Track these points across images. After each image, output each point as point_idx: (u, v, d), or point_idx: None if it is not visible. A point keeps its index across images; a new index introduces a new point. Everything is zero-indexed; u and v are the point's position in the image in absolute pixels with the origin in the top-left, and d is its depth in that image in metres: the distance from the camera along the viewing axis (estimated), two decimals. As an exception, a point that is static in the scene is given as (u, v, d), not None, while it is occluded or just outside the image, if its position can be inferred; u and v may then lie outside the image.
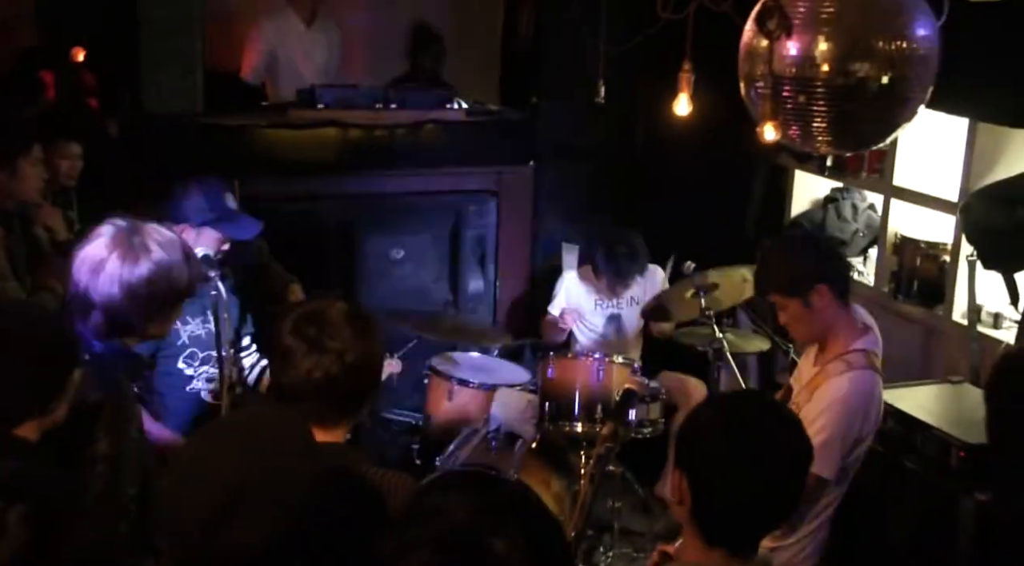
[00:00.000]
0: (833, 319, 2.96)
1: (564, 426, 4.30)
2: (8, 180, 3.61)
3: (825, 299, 2.92)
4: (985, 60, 3.61)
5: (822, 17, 2.09)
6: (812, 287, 2.90)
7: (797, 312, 2.96)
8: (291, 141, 5.04)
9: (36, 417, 2.10)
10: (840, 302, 2.97)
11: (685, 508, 1.92)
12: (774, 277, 3.02)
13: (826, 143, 2.20)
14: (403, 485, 2.11)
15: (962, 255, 4.18)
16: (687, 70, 2.80)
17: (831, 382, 2.91)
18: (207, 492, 1.59)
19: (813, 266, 2.97)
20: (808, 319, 2.96)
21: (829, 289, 2.92)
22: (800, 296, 2.93)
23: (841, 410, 2.86)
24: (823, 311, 2.94)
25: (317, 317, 2.12)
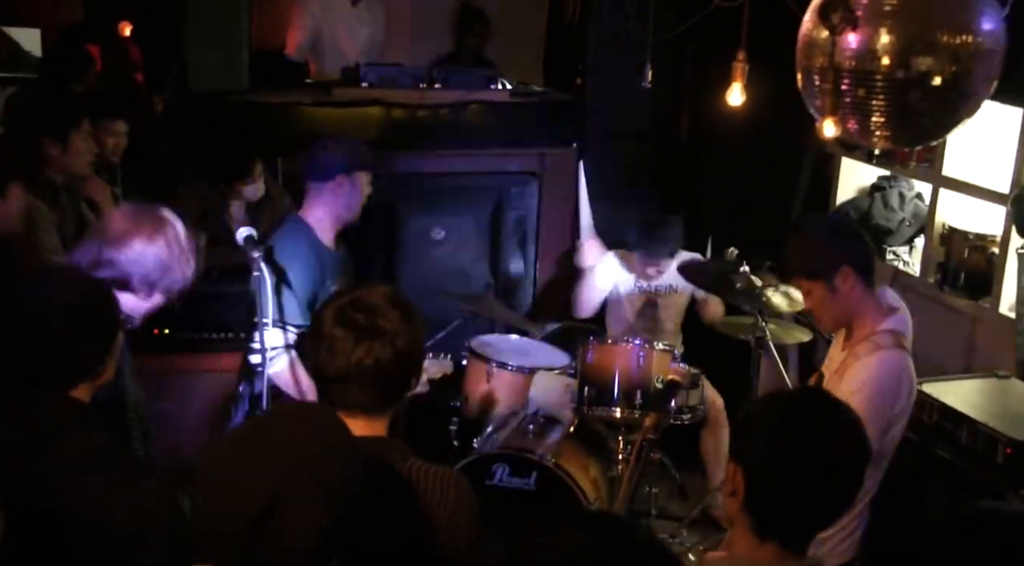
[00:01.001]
0: (858, 302, 2.93)
1: (602, 411, 4.29)
2: (61, 154, 3.66)
3: (849, 282, 2.89)
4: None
5: (885, 10, 2.05)
6: (836, 270, 2.88)
7: (822, 296, 2.93)
8: (334, 119, 5.03)
9: (89, 379, 2.15)
10: (865, 285, 2.94)
11: (738, 500, 1.92)
12: (798, 261, 3.00)
13: (884, 138, 2.16)
14: (445, 479, 2.10)
15: (1012, 247, 4.12)
16: (742, 60, 2.76)
17: (860, 363, 2.89)
18: (248, 497, 1.58)
19: (836, 249, 2.94)
20: (833, 303, 2.93)
21: (854, 272, 2.89)
22: (824, 279, 2.90)
23: (872, 391, 2.84)
24: (848, 295, 2.91)
25: (363, 304, 2.10)
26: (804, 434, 1.87)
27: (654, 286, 5.09)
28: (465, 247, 5.42)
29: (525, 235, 5.52)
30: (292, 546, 1.59)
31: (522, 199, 5.49)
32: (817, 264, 2.91)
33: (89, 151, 3.80)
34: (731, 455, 1.96)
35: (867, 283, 2.92)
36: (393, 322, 2.08)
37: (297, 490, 1.59)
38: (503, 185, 5.45)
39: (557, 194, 5.57)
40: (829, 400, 1.99)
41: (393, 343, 2.07)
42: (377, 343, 2.06)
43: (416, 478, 2.07)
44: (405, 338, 2.09)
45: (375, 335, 2.06)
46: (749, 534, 1.93)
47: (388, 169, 5.22)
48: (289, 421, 1.75)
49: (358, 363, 2.06)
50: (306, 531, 1.60)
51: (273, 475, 1.60)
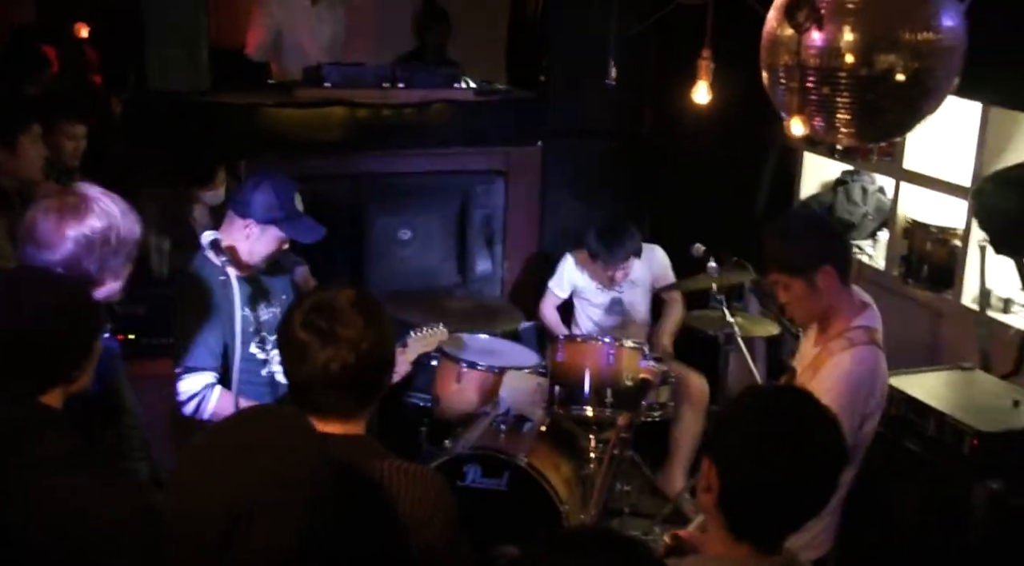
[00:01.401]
0: (835, 299, 2.95)
1: (574, 410, 4.30)
2: (9, 158, 3.58)
3: (830, 280, 2.91)
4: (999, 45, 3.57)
5: (848, 7, 2.06)
6: (819, 267, 2.89)
7: (801, 292, 2.94)
8: (297, 120, 5.01)
9: (62, 385, 2.11)
10: (842, 283, 2.96)
11: (712, 496, 1.91)
12: (780, 256, 2.98)
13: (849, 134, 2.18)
14: (423, 478, 2.09)
15: (973, 240, 4.16)
16: (706, 58, 2.76)
17: (834, 359, 2.90)
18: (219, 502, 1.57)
19: (820, 246, 2.95)
20: (811, 299, 2.94)
21: (835, 270, 2.91)
22: (804, 276, 2.91)
23: (847, 387, 2.85)
24: (826, 292, 2.92)
25: (327, 308, 2.08)
26: (779, 433, 1.86)
27: (619, 287, 5.09)
28: (432, 246, 5.41)
29: (492, 234, 5.52)
30: (264, 550, 1.58)
31: (488, 197, 5.49)
32: (800, 260, 2.92)
33: (40, 156, 3.71)
34: (706, 451, 1.96)
35: (844, 281, 2.94)
36: (356, 327, 2.06)
37: (268, 494, 1.58)
38: (469, 184, 5.45)
39: (523, 192, 5.58)
40: (807, 400, 1.99)
41: (357, 348, 2.05)
42: (343, 348, 2.05)
43: (393, 476, 2.05)
44: (369, 342, 2.07)
45: (339, 340, 2.05)
46: (723, 532, 1.93)
47: (352, 169, 5.21)
48: (258, 425, 1.73)
49: (324, 368, 2.05)
50: (279, 535, 1.59)
51: (243, 480, 1.58)
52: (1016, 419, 3.33)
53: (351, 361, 2.05)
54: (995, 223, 3.93)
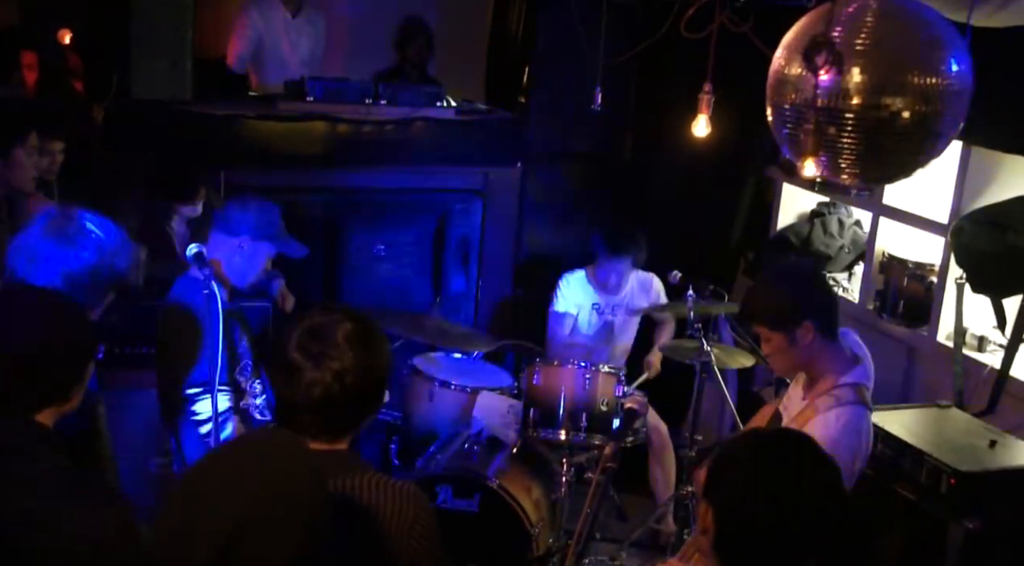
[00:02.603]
0: (817, 353, 2.92)
1: (548, 433, 4.28)
2: (2, 168, 3.55)
3: (810, 336, 2.87)
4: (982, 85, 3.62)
5: (857, 49, 2.07)
6: (798, 323, 2.87)
7: (781, 346, 2.92)
8: (278, 133, 4.96)
9: (57, 404, 2.10)
10: (826, 337, 2.92)
11: (708, 539, 1.90)
12: (760, 310, 2.97)
13: (853, 175, 2.18)
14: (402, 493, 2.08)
15: (950, 277, 4.21)
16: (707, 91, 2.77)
17: (820, 418, 2.86)
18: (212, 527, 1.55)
19: (800, 301, 2.91)
20: (790, 353, 2.92)
21: (815, 326, 2.88)
22: (784, 331, 2.89)
23: (831, 450, 2.81)
24: (807, 347, 2.89)
25: (322, 333, 2.08)
26: (778, 479, 1.85)
27: (612, 306, 5.08)
28: (407, 264, 5.38)
29: (468, 253, 5.50)
30: None
31: (465, 217, 5.47)
32: (779, 315, 2.90)
33: (33, 166, 3.69)
34: (704, 494, 1.94)
35: (828, 336, 2.91)
36: (346, 360, 2.05)
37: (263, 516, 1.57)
38: (446, 202, 5.43)
39: (500, 213, 5.56)
40: (806, 445, 1.98)
41: (342, 380, 2.04)
42: (328, 376, 2.04)
43: (373, 491, 2.04)
44: (355, 376, 2.06)
45: (326, 369, 2.04)
46: None
47: (331, 184, 5.18)
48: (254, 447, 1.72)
49: (307, 391, 2.04)
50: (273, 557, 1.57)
51: (239, 501, 1.57)
52: (993, 459, 3.35)
53: (335, 391, 2.05)
54: (973, 262, 3.98)
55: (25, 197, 3.76)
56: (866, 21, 2.10)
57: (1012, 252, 3.81)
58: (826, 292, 3.05)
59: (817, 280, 3.14)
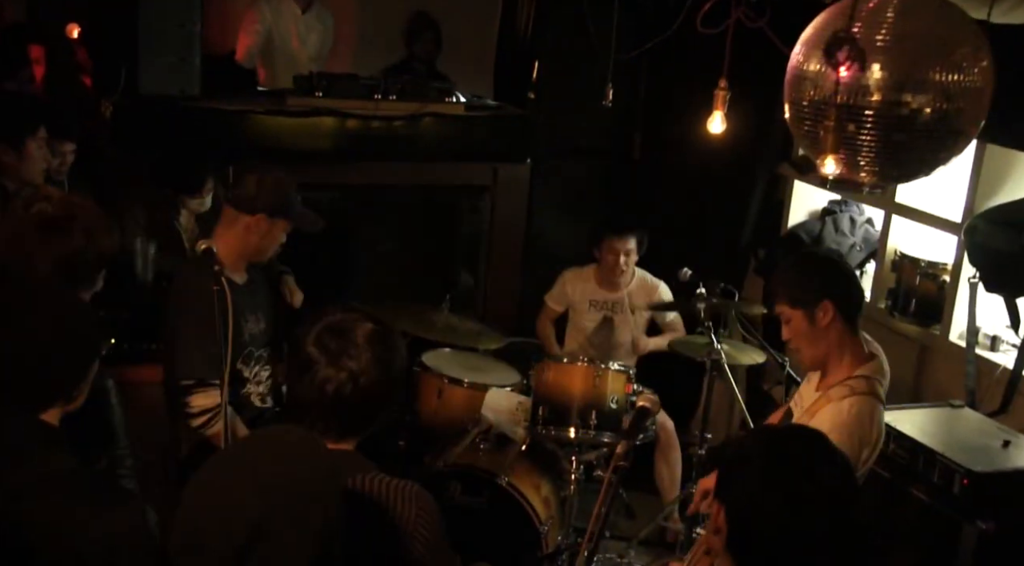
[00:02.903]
0: (837, 341, 2.91)
1: (557, 431, 4.26)
2: (16, 161, 3.56)
3: (829, 317, 2.87)
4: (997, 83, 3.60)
5: (878, 45, 2.04)
6: (818, 302, 2.87)
7: (801, 327, 2.91)
8: (287, 129, 4.96)
9: (62, 403, 2.09)
10: (846, 325, 2.91)
11: (721, 539, 1.89)
12: (783, 287, 2.98)
13: (872, 173, 2.16)
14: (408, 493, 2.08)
15: (963, 276, 4.18)
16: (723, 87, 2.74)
17: (832, 407, 2.86)
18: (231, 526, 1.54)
19: (822, 281, 2.93)
20: (812, 336, 2.91)
21: (835, 307, 2.87)
22: (804, 308, 2.89)
23: (841, 437, 2.80)
24: (827, 330, 2.88)
25: (342, 332, 2.08)
26: (791, 481, 1.83)
27: (611, 303, 5.05)
28: (416, 260, 5.37)
29: (477, 249, 5.49)
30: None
31: (474, 213, 5.46)
32: (800, 292, 2.91)
33: (44, 158, 3.70)
34: (715, 493, 1.93)
35: (848, 323, 2.90)
36: (362, 361, 2.05)
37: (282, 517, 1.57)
38: (455, 199, 5.42)
39: (509, 209, 5.55)
40: (818, 441, 1.96)
41: (356, 380, 2.04)
42: (343, 375, 2.04)
43: (379, 491, 2.04)
44: (369, 378, 2.05)
45: (342, 367, 2.04)
46: None
47: (340, 180, 5.16)
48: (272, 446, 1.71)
49: (321, 388, 2.04)
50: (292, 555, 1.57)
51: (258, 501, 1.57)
52: (1006, 459, 3.33)
53: (347, 391, 2.04)
54: (987, 261, 3.95)
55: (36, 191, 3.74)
56: (887, 17, 2.07)
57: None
58: (849, 277, 3.04)
59: (842, 265, 3.15)
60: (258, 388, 3.39)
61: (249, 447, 1.76)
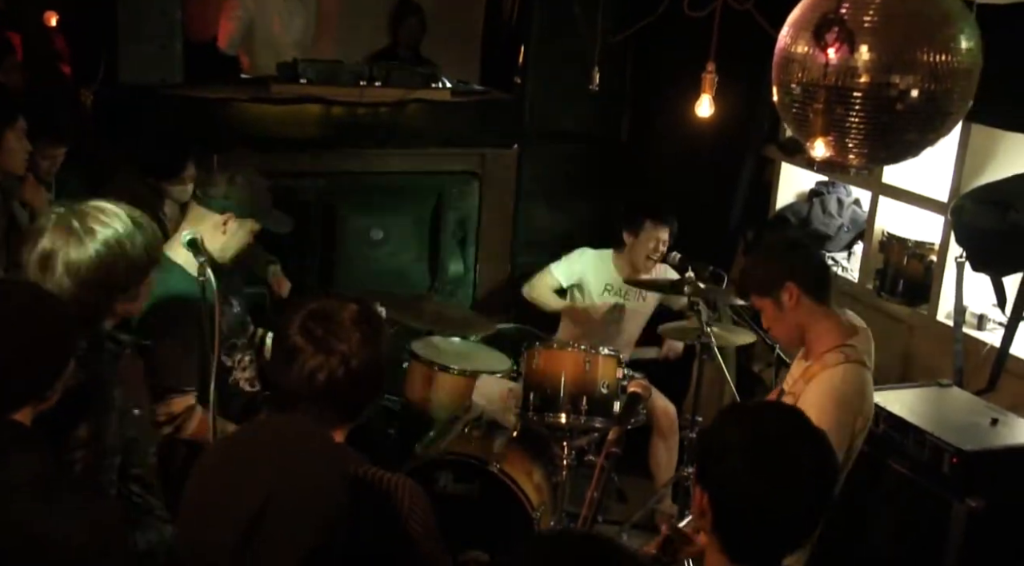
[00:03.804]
0: (808, 318, 2.95)
1: (548, 417, 4.26)
2: None
3: (795, 298, 2.92)
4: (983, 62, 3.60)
5: (865, 26, 2.04)
6: (781, 286, 2.92)
7: (772, 312, 2.98)
8: (272, 116, 4.93)
9: (35, 403, 2.05)
10: (814, 300, 2.95)
11: (707, 521, 1.89)
12: (749, 279, 3.07)
13: (860, 155, 2.15)
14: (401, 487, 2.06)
15: (950, 256, 4.19)
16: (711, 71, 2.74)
17: (822, 376, 2.89)
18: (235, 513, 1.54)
19: (781, 265, 2.99)
20: (782, 319, 2.97)
21: (798, 287, 2.91)
22: (770, 296, 2.95)
23: (834, 404, 2.84)
24: (794, 310, 2.94)
25: (326, 317, 2.05)
26: (772, 461, 1.83)
27: (626, 289, 5.03)
28: (405, 247, 5.35)
29: (466, 235, 5.47)
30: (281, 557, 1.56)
31: (462, 199, 5.44)
32: (763, 280, 2.98)
33: (24, 149, 3.65)
34: (696, 479, 1.93)
35: (817, 298, 2.93)
36: (351, 343, 2.03)
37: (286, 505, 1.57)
38: (443, 185, 5.40)
39: (497, 194, 5.53)
40: (794, 417, 1.96)
41: (347, 363, 2.02)
42: (332, 360, 2.01)
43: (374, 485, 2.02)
44: (360, 361, 2.03)
45: (331, 352, 2.02)
46: (721, 555, 1.91)
47: (326, 168, 5.14)
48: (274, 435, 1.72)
49: (311, 377, 2.01)
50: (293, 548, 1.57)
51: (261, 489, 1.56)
52: (995, 437, 3.35)
53: (339, 375, 2.02)
54: (974, 240, 3.96)
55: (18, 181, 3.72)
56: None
57: (1013, 230, 3.78)
58: (807, 256, 3.09)
59: (800, 246, 3.19)
60: (244, 373, 3.35)
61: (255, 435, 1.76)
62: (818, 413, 2.78)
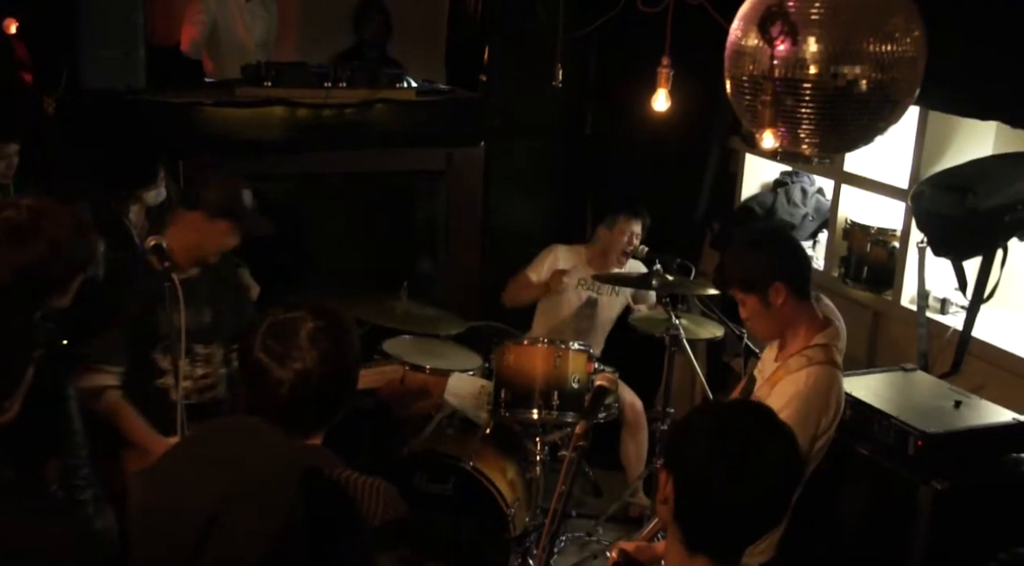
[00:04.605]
0: (792, 315, 2.96)
1: (520, 413, 4.28)
2: None
3: (783, 296, 2.91)
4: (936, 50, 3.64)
5: (812, 18, 2.07)
6: (770, 284, 2.91)
7: (756, 309, 2.97)
8: (237, 120, 4.91)
9: None
10: (798, 298, 2.96)
11: (669, 509, 1.91)
12: (734, 273, 3.02)
13: (813, 145, 2.19)
14: (375, 489, 2.07)
15: (912, 241, 4.24)
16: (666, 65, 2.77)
17: (791, 377, 2.92)
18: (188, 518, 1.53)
19: (771, 263, 2.96)
20: (767, 316, 2.96)
21: (787, 286, 2.91)
22: (757, 293, 2.94)
23: (799, 406, 2.87)
24: (781, 308, 2.93)
25: (285, 334, 2.06)
26: (736, 450, 1.86)
27: (598, 284, 5.06)
28: (374, 247, 5.35)
29: (435, 234, 5.48)
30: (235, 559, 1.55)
31: (430, 198, 5.46)
32: (751, 277, 2.94)
33: None
34: (663, 464, 1.95)
35: (800, 295, 2.95)
36: (309, 360, 2.03)
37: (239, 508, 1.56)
38: (410, 184, 5.41)
39: (465, 192, 5.55)
40: (764, 414, 1.99)
41: (308, 379, 2.03)
42: (293, 375, 2.02)
43: (346, 487, 2.03)
44: (319, 374, 2.04)
45: (291, 369, 2.03)
46: (680, 546, 1.92)
47: (293, 170, 5.14)
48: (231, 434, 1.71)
49: (275, 391, 2.03)
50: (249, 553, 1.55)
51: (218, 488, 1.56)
52: (958, 419, 3.39)
53: (301, 389, 2.03)
54: (933, 226, 4.01)
55: None
56: (821, -11, 2.10)
57: (971, 215, 3.84)
58: (797, 253, 3.08)
59: (788, 242, 3.19)
60: (186, 382, 3.33)
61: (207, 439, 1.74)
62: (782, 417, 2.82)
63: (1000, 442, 3.37)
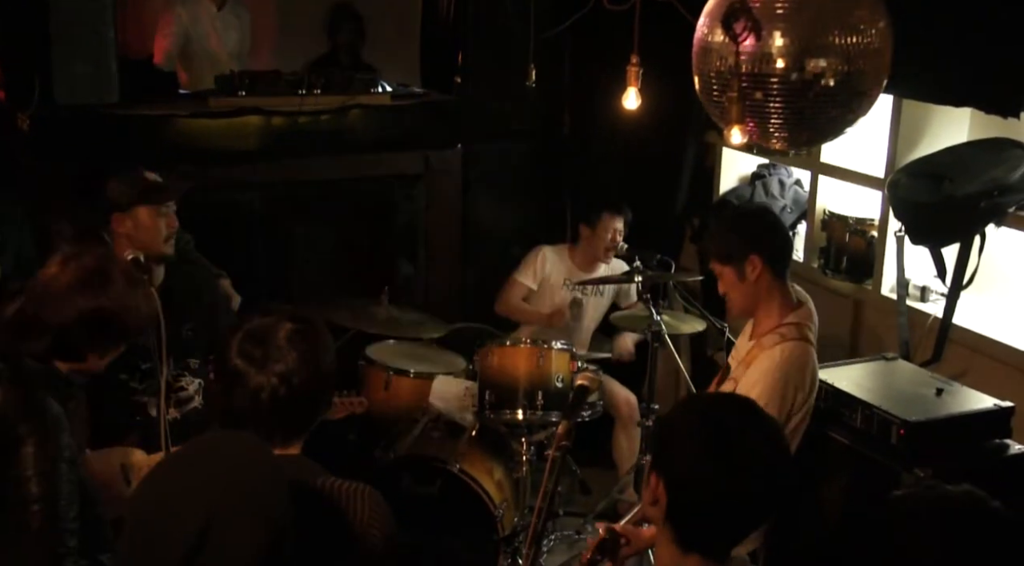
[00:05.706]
0: (767, 292, 3.03)
1: (505, 414, 4.29)
2: None
3: (758, 270, 2.99)
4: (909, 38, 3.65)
5: (777, 13, 2.08)
6: (746, 256, 2.98)
7: (731, 281, 3.05)
8: (212, 130, 4.90)
9: None
10: (775, 276, 3.03)
11: (660, 509, 1.91)
12: (714, 245, 3.12)
13: (783, 139, 2.20)
14: (360, 495, 2.06)
15: (890, 230, 4.25)
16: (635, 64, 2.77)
17: (765, 354, 2.99)
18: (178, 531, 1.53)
19: (748, 236, 3.04)
20: (742, 289, 3.04)
21: (762, 261, 2.98)
22: (734, 265, 3.00)
23: (774, 381, 2.93)
24: (756, 282, 3.01)
25: (262, 338, 2.05)
26: (727, 450, 1.86)
27: (582, 287, 5.06)
28: (354, 253, 5.34)
29: (414, 238, 5.48)
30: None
31: (409, 202, 5.45)
32: (728, 249, 3.02)
33: None
34: (652, 465, 1.95)
35: (777, 274, 3.00)
36: (289, 362, 2.03)
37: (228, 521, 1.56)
38: (388, 189, 5.40)
39: (443, 196, 5.53)
40: (750, 410, 1.98)
41: (289, 382, 2.02)
42: (273, 380, 2.02)
43: (331, 494, 2.03)
44: (300, 378, 2.03)
45: (271, 373, 2.02)
46: (672, 546, 1.92)
47: (270, 178, 5.12)
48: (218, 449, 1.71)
49: (254, 398, 2.02)
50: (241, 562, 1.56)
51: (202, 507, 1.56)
52: (940, 407, 3.40)
53: (282, 393, 2.02)
54: (911, 214, 4.03)
55: None
56: (785, -16, 2.11)
57: (948, 202, 3.85)
58: (776, 230, 3.13)
59: (769, 219, 3.24)
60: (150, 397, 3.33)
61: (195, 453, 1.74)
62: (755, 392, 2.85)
63: (982, 428, 3.38)
